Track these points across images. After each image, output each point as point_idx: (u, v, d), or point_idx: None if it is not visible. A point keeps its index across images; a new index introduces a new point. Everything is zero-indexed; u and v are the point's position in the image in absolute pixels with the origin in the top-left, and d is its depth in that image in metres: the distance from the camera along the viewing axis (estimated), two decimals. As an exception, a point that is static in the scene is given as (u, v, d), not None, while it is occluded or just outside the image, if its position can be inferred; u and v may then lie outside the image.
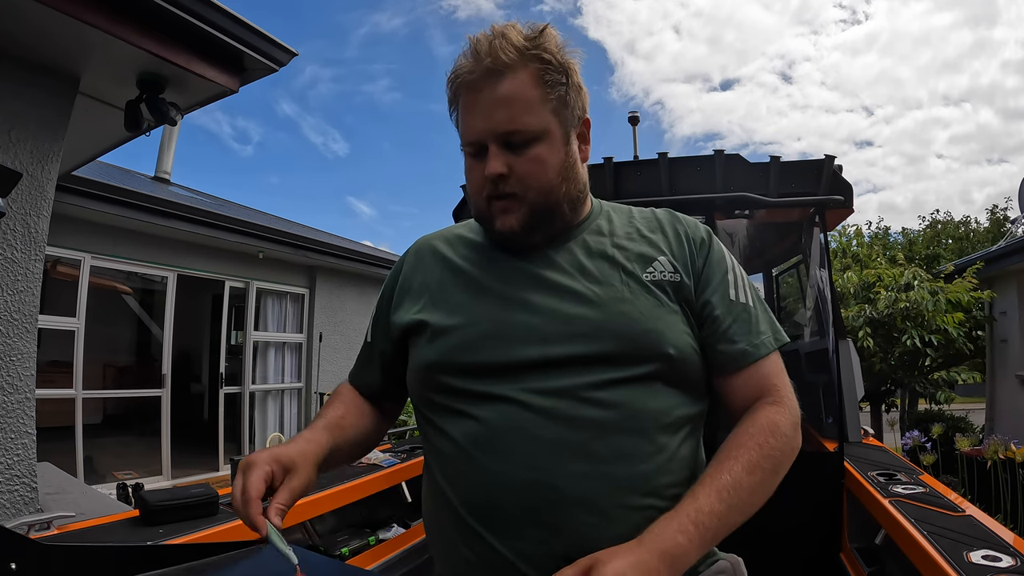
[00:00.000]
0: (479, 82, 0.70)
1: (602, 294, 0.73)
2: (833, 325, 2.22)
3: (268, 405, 7.02)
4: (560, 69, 0.72)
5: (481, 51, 0.70)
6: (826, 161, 2.24)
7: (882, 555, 1.49)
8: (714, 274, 0.77)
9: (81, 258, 4.99)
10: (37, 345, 2.38)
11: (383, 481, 1.89)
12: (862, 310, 6.52)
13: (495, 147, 0.71)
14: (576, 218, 0.80)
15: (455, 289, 0.78)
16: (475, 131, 0.72)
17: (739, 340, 0.74)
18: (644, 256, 0.77)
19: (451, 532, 0.72)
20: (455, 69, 0.73)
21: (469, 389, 0.71)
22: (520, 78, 0.70)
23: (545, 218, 0.74)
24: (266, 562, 0.59)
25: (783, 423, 0.70)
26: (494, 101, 0.70)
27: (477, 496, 0.69)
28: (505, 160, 0.71)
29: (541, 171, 0.72)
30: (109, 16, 2.12)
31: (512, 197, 0.72)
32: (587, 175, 0.81)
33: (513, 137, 0.71)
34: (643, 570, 0.57)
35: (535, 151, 0.71)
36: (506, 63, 0.69)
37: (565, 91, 0.73)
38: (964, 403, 8.27)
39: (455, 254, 0.82)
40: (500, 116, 0.70)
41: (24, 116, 2.30)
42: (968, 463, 3.56)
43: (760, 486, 0.66)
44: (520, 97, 0.70)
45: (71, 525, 1.24)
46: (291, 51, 2.64)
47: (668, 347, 0.70)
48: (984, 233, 13.89)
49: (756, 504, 0.66)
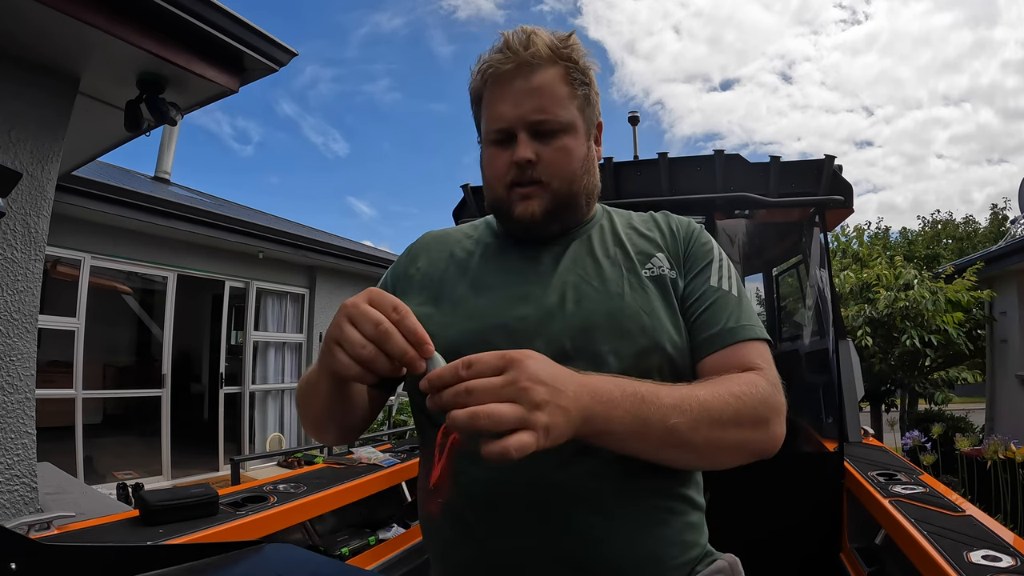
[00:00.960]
0: (512, 73, 0.73)
1: (604, 290, 0.74)
2: (833, 325, 2.22)
3: (268, 405, 7.02)
4: (584, 72, 0.76)
5: (516, 45, 0.73)
6: (826, 161, 2.24)
7: (882, 555, 1.49)
8: (699, 261, 0.78)
9: (81, 258, 4.99)
10: (37, 345, 2.38)
11: (383, 481, 1.89)
12: (861, 310, 6.52)
13: (524, 135, 0.73)
14: (587, 214, 0.82)
15: (458, 284, 0.78)
16: (505, 119, 0.74)
17: (720, 321, 0.73)
18: (643, 252, 0.79)
19: (448, 531, 0.72)
20: (486, 62, 0.75)
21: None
22: (551, 73, 0.73)
23: (565, 208, 0.77)
24: (266, 562, 0.59)
25: (761, 384, 0.66)
26: (527, 91, 0.73)
27: (476, 495, 0.69)
28: (534, 148, 0.73)
29: (567, 161, 0.75)
30: (109, 16, 2.12)
31: (536, 184, 0.74)
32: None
33: (543, 126, 0.73)
34: (558, 382, 0.52)
35: (562, 141, 0.74)
36: (541, 57, 0.72)
37: (588, 92, 0.77)
38: (964, 403, 8.27)
39: (460, 249, 0.84)
40: (532, 105, 0.73)
41: (24, 116, 2.30)
42: (968, 463, 3.57)
43: (715, 418, 0.60)
44: (551, 90, 0.73)
45: (71, 525, 1.24)
46: (291, 51, 2.64)
47: (666, 343, 0.71)
48: (984, 234, 13.90)
49: (700, 431, 0.59)
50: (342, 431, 0.77)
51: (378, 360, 0.54)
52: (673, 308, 0.74)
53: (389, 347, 0.53)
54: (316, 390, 0.68)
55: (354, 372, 0.55)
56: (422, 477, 0.81)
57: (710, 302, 0.74)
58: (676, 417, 0.58)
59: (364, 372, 0.55)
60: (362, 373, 0.55)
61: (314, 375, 0.68)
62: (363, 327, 0.54)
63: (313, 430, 0.78)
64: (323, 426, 0.75)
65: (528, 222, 0.75)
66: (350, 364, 0.55)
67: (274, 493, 1.55)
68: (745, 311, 0.75)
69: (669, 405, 0.58)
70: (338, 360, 0.55)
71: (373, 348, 0.54)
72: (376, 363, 0.54)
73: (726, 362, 0.70)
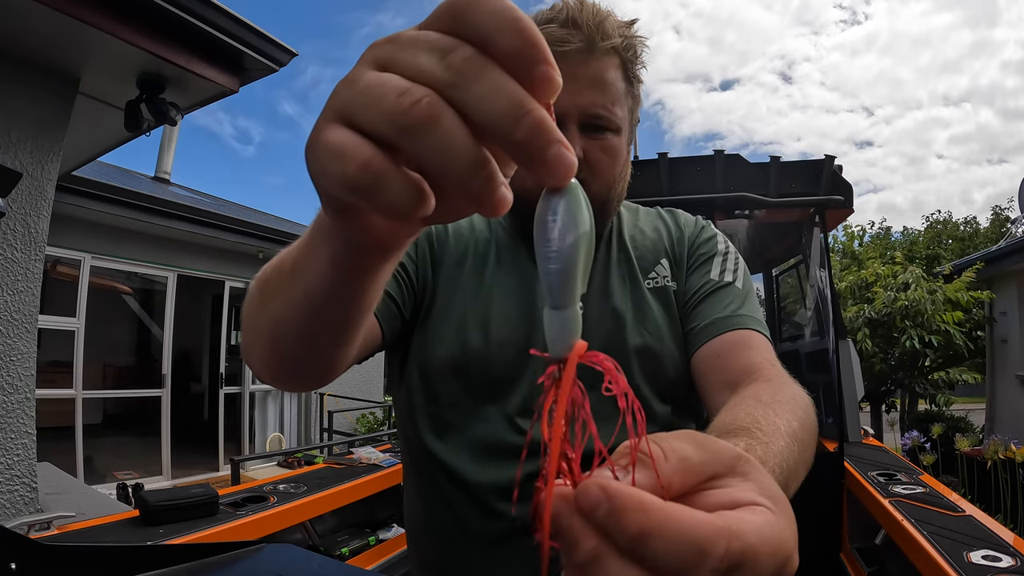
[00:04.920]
0: (573, 55, 0.62)
1: (608, 308, 0.70)
2: (833, 325, 2.22)
3: (268, 405, 7.01)
4: (640, 67, 0.69)
5: (583, 22, 0.62)
6: (826, 161, 2.24)
7: (882, 555, 1.49)
8: (701, 256, 0.74)
9: (81, 258, 4.98)
10: (37, 345, 2.38)
11: (383, 481, 1.89)
12: (860, 310, 6.52)
13: (575, 127, 0.64)
14: (609, 222, 0.75)
15: (470, 291, 0.72)
16: (558, 105, 0.61)
17: (718, 310, 0.67)
18: (646, 259, 0.75)
19: (433, 546, 0.70)
20: (548, 34, 0.62)
21: (471, 398, 0.68)
22: (614, 63, 0.65)
23: (599, 212, 0.68)
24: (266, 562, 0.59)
25: (800, 394, 0.54)
26: (589, 80, 0.63)
27: (480, 541, 0.66)
28: (581, 144, 0.65)
29: (611, 163, 0.67)
30: (109, 16, 2.12)
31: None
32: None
33: (598, 120, 0.65)
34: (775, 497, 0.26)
35: (611, 140, 0.66)
36: (610, 42, 0.63)
37: (639, 90, 0.70)
38: (964, 403, 8.27)
39: (474, 249, 0.75)
40: (592, 97, 0.64)
41: (24, 116, 2.30)
42: (968, 463, 3.56)
43: (805, 446, 0.46)
44: (613, 83, 0.65)
45: (71, 525, 1.24)
46: (291, 51, 2.65)
47: (667, 362, 0.68)
48: (985, 234, 13.90)
49: (806, 458, 0.45)
50: (322, 361, 0.45)
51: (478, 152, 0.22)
52: (675, 319, 0.71)
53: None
54: (296, 278, 0.38)
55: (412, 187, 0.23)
56: (408, 485, 0.76)
57: (707, 293, 0.69)
58: (800, 452, 0.45)
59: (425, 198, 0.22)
60: (423, 198, 0.22)
61: (297, 252, 0.39)
62: (430, 65, 0.22)
63: (269, 353, 0.45)
64: (290, 346, 0.42)
65: None
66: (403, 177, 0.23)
67: (274, 493, 1.55)
68: (749, 303, 0.68)
69: (789, 443, 0.43)
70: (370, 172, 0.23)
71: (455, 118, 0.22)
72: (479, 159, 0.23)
73: (725, 349, 0.63)
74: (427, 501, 0.72)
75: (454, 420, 0.68)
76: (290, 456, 5.68)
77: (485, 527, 0.65)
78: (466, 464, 0.66)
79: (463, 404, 0.68)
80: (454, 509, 0.67)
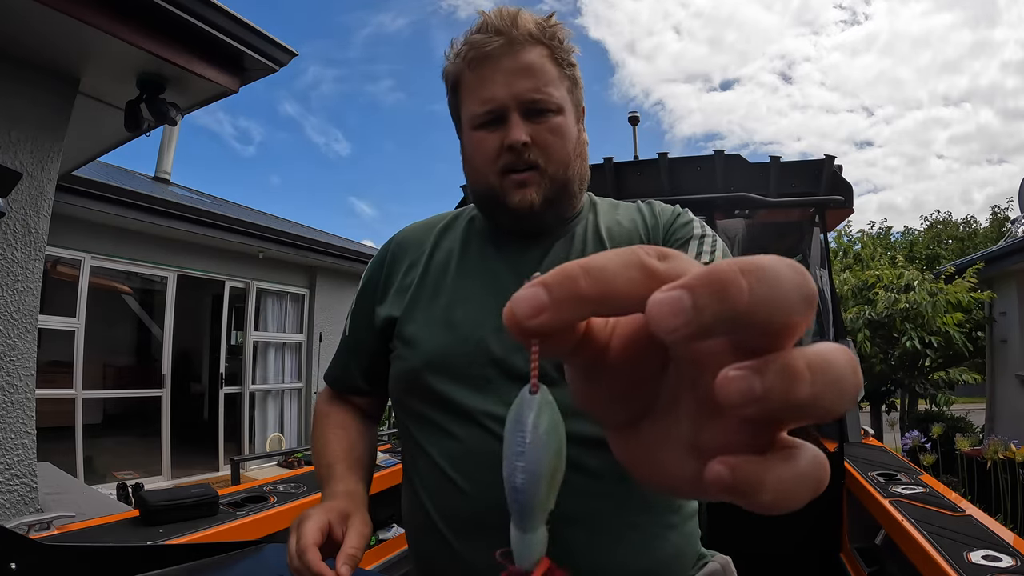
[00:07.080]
0: (498, 52, 0.68)
1: None
2: (833, 325, 2.22)
3: (268, 405, 7.01)
4: (568, 52, 0.73)
5: (500, 24, 0.69)
6: (826, 161, 2.24)
7: (882, 555, 1.49)
8: (677, 241, 0.72)
9: (81, 258, 4.98)
10: (37, 345, 2.38)
11: (383, 481, 1.89)
12: (861, 311, 6.52)
13: (517, 115, 0.69)
14: (577, 205, 0.77)
15: (436, 291, 0.74)
16: (496, 99, 0.69)
17: None
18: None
19: (432, 546, 0.70)
20: (467, 43, 0.70)
21: (451, 400, 0.68)
22: (539, 52, 0.69)
23: (562, 195, 0.72)
24: (266, 562, 0.59)
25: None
26: (517, 70, 0.68)
27: (460, 512, 0.66)
28: (527, 129, 0.69)
29: (561, 142, 0.70)
30: (109, 16, 2.12)
31: (533, 169, 0.70)
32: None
33: (537, 104, 0.69)
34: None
35: (555, 121, 0.70)
36: (528, 35, 0.69)
37: (573, 73, 0.73)
38: (964, 403, 8.27)
39: (438, 249, 0.78)
40: (525, 84, 0.68)
41: (24, 116, 2.30)
42: (968, 463, 3.56)
43: None
44: (542, 68, 0.69)
45: (71, 525, 1.24)
46: (291, 51, 2.65)
47: None
48: (984, 234, 13.90)
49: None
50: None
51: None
52: None
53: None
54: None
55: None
56: (404, 488, 0.77)
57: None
58: None
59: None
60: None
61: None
62: (290, 548, 0.63)
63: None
64: None
65: (526, 212, 0.70)
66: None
67: (274, 493, 1.55)
68: None
69: None
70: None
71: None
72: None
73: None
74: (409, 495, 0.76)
75: (436, 420, 0.70)
76: (290, 456, 5.68)
77: (462, 517, 0.68)
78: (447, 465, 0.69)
79: (440, 404, 0.70)
80: (435, 500, 0.70)
